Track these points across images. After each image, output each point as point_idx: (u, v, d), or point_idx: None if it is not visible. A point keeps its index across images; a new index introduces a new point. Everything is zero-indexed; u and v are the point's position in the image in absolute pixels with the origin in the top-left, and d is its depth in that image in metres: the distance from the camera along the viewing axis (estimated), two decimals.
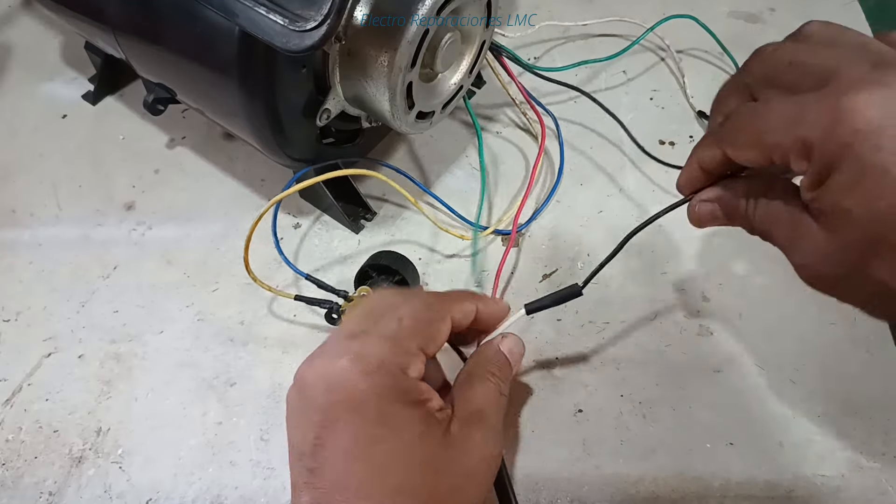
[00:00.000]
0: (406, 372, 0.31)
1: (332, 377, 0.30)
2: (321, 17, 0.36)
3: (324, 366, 0.31)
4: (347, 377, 0.30)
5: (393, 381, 0.30)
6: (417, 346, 0.32)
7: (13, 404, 0.45)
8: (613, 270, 0.50)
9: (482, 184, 0.53)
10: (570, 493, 0.41)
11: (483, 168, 0.54)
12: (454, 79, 0.49)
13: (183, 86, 0.48)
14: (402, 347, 0.32)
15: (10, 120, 0.60)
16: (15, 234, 0.53)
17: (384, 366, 0.31)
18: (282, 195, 0.43)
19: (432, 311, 0.34)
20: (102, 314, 0.48)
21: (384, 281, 0.45)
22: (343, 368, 0.30)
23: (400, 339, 0.32)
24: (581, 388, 0.45)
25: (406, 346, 0.32)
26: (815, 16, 0.73)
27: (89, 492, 0.41)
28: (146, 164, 0.57)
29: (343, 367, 0.30)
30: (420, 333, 0.32)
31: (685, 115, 0.59)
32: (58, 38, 0.66)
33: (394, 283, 0.45)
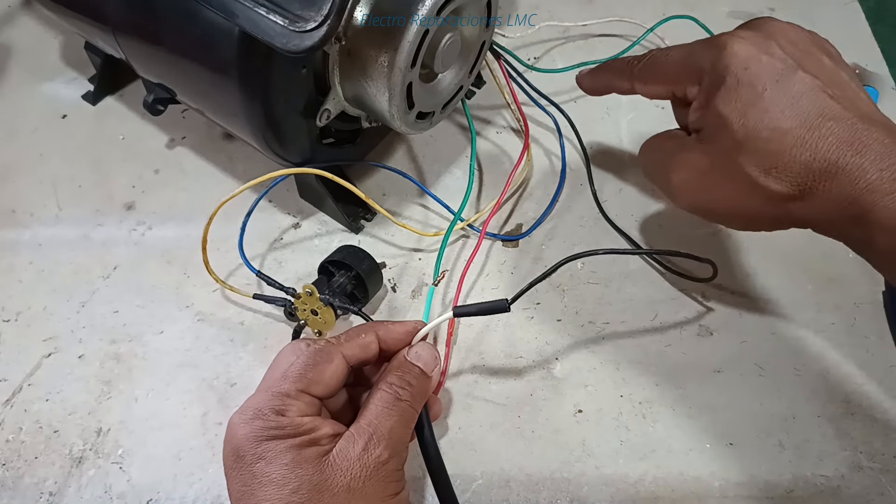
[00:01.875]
0: (282, 413, 0.34)
1: (227, 434, 0.35)
2: (321, 17, 0.36)
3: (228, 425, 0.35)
4: (231, 429, 0.34)
5: (264, 423, 0.34)
6: (297, 390, 0.35)
7: (13, 404, 0.45)
8: (613, 271, 0.50)
9: (469, 183, 0.52)
10: (570, 493, 0.41)
11: (472, 169, 0.53)
12: (454, 79, 0.49)
13: (183, 86, 0.48)
14: (278, 393, 0.35)
15: (10, 120, 0.60)
16: (15, 234, 0.53)
17: (258, 413, 0.34)
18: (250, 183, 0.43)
19: (318, 356, 0.36)
20: (102, 314, 0.48)
21: (342, 276, 0.46)
22: (231, 423, 0.34)
23: (278, 387, 0.35)
24: (581, 388, 0.45)
25: (284, 390, 0.35)
26: (815, 16, 0.74)
27: (89, 492, 0.41)
28: (146, 164, 0.57)
29: (231, 421, 0.35)
30: (301, 378, 0.35)
31: None
32: (58, 38, 0.66)
33: (351, 277, 0.45)
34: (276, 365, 0.36)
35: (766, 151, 0.34)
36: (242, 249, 0.48)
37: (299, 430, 0.34)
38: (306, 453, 0.33)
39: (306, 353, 0.36)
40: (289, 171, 0.46)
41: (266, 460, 0.33)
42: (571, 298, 0.49)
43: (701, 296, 0.48)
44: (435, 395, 0.42)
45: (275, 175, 0.45)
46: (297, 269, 0.50)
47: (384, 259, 0.50)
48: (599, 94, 0.48)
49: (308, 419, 0.34)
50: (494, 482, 0.41)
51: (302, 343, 0.37)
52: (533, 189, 0.55)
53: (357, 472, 0.33)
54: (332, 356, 0.36)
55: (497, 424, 0.43)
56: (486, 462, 0.42)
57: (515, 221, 0.53)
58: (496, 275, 0.50)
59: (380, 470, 0.34)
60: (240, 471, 0.33)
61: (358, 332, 0.38)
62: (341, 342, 0.38)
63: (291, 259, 0.51)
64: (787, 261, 0.50)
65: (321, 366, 0.36)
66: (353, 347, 0.38)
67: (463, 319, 0.47)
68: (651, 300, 0.48)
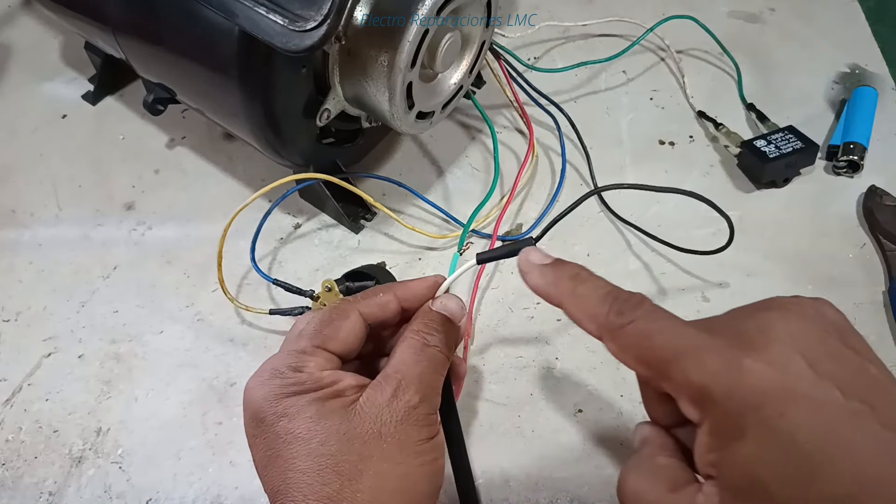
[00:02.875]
0: (300, 369, 0.33)
1: (245, 398, 0.33)
2: (321, 17, 0.36)
3: (244, 390, 0.34)
4: (249, 393, 0.33)
5: (283, 381, 0.32)
6: (313, 346, 0.33)
7: (13, 404, 0.45)
8: (613, 271, 0.50)
9: (493, 182, 0.52)
10: (570, 493, 0.41)
11: (497, 168, 0.53)
12: (454, 79, 0.49)
13: (183, 86, 0.48)
14: (294, 350, 0.33)
15: (10, 120, 0.60)
16: (15, 234, 0.53)
17: (275, 372, 0.32)
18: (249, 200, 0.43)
19: (334, 313, 0.35)
20: (102, 314, 0.48)
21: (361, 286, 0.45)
22: (248, 388, 0.33)
23: (293, 345, 0.34)
24: (581, 388, 0.45)
25: (300, 347, 0.33)
26: (815, 16, 0.74)
27: (89, 492, 0.41)
28: (146, 164, 0.57)
29: (248, 386, 0.33)
30: (317, 334, 0.34)
31: (685, 115, 0.60)
32: (58, 38, 0.66)
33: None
34: (292, 330, 0.35)
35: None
36: (255, 259, 0.48)
37: (320, 383, 0.32)
38: (331, 405, 0.31)
39: (321, 313, 0.35)
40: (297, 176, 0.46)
41: (289, 417, 0.31)
42: None
43: (701, 296, 0.48)
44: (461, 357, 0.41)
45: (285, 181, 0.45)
46: (298, 269, 0.50)
47: (384, 259, 0.50)
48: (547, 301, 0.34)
49: (328, 372, 0.33)
50: (494, 482, 0.41)
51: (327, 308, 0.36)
52: (533, 189, 0.55)
53: (387, 418, 0.31)
54: (349, 312, 0.35)
55: (497, 424, 0.43)
56: (486, 462, 0.42)
57: (516, 221, 0.53)
58: (496, 275, 0.50)
59: (411, 415, 0.32)
60: (262, 435, 0.31)
61: (375, 292, 0.37)
62: (358, 300, 0.36)
63: (292, 259, 0.51)
64: (787, 261, 0.50)
65: (337, 322, 0.34)
66: (371, 305, 0.36)
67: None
68: (651, 300, 0.48)
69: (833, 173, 0.55)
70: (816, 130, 0.56)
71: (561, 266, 0.33)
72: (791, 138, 0.54)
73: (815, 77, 0.62)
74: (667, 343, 0.28)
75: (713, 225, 0.52)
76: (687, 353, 0.28)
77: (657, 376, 0.29)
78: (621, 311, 0.30)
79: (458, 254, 0.48)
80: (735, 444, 0.26)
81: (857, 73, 0.62)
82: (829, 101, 0.60)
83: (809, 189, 0.55)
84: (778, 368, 0.26)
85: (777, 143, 0.53)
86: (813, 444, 0.25)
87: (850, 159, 0.54)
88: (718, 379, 0.26)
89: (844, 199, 0.54)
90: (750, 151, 0.54)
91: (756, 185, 0.54)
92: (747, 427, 0.26)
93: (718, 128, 0.57)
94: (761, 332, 0.28)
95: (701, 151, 0.57)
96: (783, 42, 0.65)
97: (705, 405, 0.27)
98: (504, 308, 0.48)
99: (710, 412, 0.27)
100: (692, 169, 0.56)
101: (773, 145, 0.53)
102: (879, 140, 0.56)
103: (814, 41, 0.65)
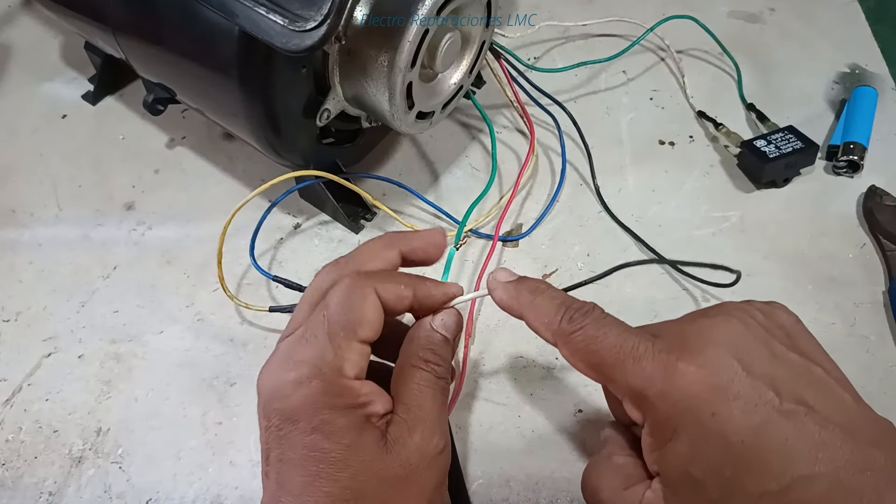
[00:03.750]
0: (342, 372, 0.31)
1: (272, 387, 0.31)
2: (321, 17, 0.36)
3: (268, 375, 0.32)
4: (281, 387, 0.30)
5: (325, 387, 0.30)
6: (348, 338, 0.31)
7: (13, 404, 0.45)
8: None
9: (490, 182, 0.52)
10: (570, 493, 0.41)
11: (494, 166, 0.53)
12: (454, 79, 0.49)
13: (183, 86, 0.48)
14: (332, 345, 0.31)
15: (10, 120, 0.60)
16: (15, 234, 0.53)
17: (317, 372, 0.31)
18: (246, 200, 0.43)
19: (355, 293, 0.32)
20: (102, 314, 0.48)
21: None
22: (279, 379, 0.31)
23: (330, 334, 0.31)
24: (581, 388, 0.45)
25: (336, 342, 0.31)
26: (815, 16, 0.74)
27: (89, 492, 0.41)
28: (146, 164, 0.57)
29: (279, 377, 0.31)
30: (346, 321, 0.32)
31: (685, 115, 0.60)
32: (58, 38, 0.66)
33: None
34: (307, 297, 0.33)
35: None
36: (254, 256, 0.48)
37: (358, 399, 0.31)
38: (367, 437, 0.30)
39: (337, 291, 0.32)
40: (296, 173, 0.46)
41: (323, 434, 0.30)
42: None
43: (701, 296, 0.48)
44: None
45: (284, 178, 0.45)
46: (298, 268, 0.50)
47: None
48: (511, 314, 0.35)
49: (366, 386, 0.31)
50: (494, 482, 0.41)
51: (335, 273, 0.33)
52: (533, 188, 0.55)
53: (416, 463, 0.31)
54: (367, 292, 0.32)
55: (497, 424, 0.43)
56: (486, 462, 0.42)
57: (516, 221, 0.53)
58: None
59: (437, 460, 0.32)
60: (289, 437, 0.30)
61: (395, 280, 0.34)
62: (373, 278, 0.33)
63: (292, 259, 0.51)
64: (787, 261, 0.50)
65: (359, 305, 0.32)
66: (389, 291, 0.33)
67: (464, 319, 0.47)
68: (651, 300, 0.48)
69: (833, 173, 0.55)
70: (816, 130, 0.56)
71: (523, 282, 0.35)
72: (791, 138, 0.54)
73: (815, 77, 0.62)
74: (611, 348, 0.30)
75: (714, 225, 0.52)
76: (627, 358, 0.29)
77: (603, 379, 0.31)
78: (572, 319, 0.32)
79: (455, 248, 0.48)
80: (671, 444, 0.28)
81: (857, 73, 0.62)
82: (829, 101, 0.60)
83: (809, 189, 0.55)
84: (710, 371, 0.28)
85: (777, 143, 0.53)
86: (744, 443, 0.27)
87: (850, 159, 0.54)
88: (654, 382, 0.28)
89: (844, 199, 0.54)
90: (750, 151, 0.54)
91: (756, 185, 0.54)
92: (680, 427, 0.28)
93: (718, 128, 0.57)
94: (699, 336, 0.29)
95: (701, 151, 0.57)
96: (783, 42, 0.65)
97: (644, 407, 0.29)
98: None
99: (649, 413, 0.29)
100: (692, 169, 0.56)
101: (773, 145, 0.53)
102: (879, 140, 0.56)
103: (814, 41, 0.65)
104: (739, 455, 0.27)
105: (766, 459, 0.27)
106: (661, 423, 0.29)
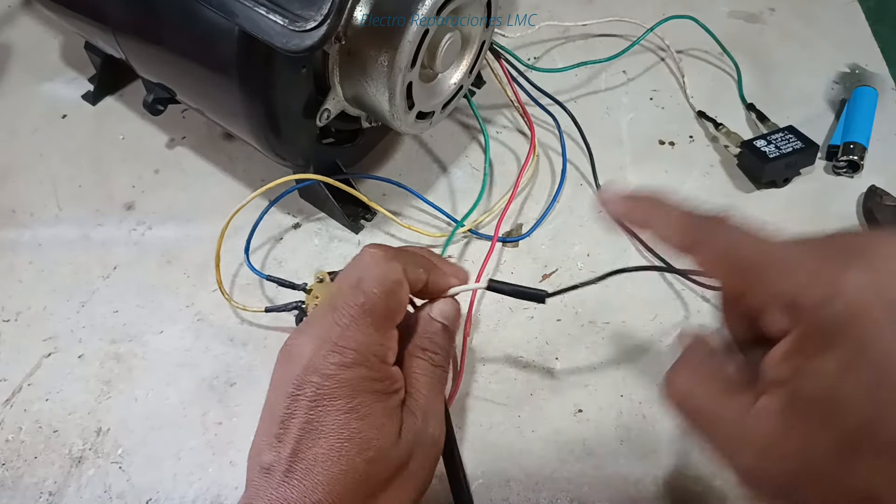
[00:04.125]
0: (385, 360, 0.32)
1: (311, 362, 0.31)
2: (321, 17, 0.37)
3: (304, 345, 0.32)
4: (323, 366, 0.31)
5: (367, 373, 0.31)
6: (391, 327, 0.33)
7: (13, 404, 0.45)
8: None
9: (483, 184, 0.52)
10: (570, 493, 0.41)
11: (487, 169, 0.53)
12: (454, 79, 0.49)
13: (183, 86, 0.48)
14: (378, 334, 0.32)
15: (10, 120, 0.60)
16: (15, 234, 0.53)
17: (361, 360, 0.31)
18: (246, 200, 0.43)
19: (391, 277, 0.33)
20: (102, 314, 0.48)
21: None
22: (321, 357, 0.31)
23: (375, 322, 0.32)
24: (581, 388, 0.45)
25: (382, 330, 0.32)
26: (815, 16, 0.74)
27: (89, 492, 0.41)
28: (146, 164, 0.57)
29: (321, 356, 0.31)
30: (388, 309, 0.33)
31: (685, 115, 0.59)
32: (58, 38, 0.66)
33: None
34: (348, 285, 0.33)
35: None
36: (248, 257, 0.48)
37: (392, 388, 0.32)
38: (391, 424, 0.32)
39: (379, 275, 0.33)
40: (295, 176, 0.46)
41: (359, 415, 0.31)
42: (571, 298, 0.48)
43: (701, 295, 0.48)
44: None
45: (282, 181, 0.45)
46: (298, 268, 0.50)
47: None
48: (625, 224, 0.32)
49: (399, 374, 0.33)
50: (494, 482, 0.41)
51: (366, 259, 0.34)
52: (533, 188, 0.55)
53: (417, 452, 0.33)
54: (400, 277, 0.33)
55: (497, 424, 0.43)
56: (486, 462, 0.42)
57: (516, 221, 0.53)
58: (496, 275, 0.50)
59: (432, 451, 0.34)
60: (323, 410, 0.31)
61: (417, 263, 0.35)
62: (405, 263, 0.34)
63: (291, 259, 0.51)
64: None
65: (397, 291, 0.33)
66: (412, 273, 0.34)
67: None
68: (651, 300, 0.48)
69: (833, 173, 0.55)
70: (816, 130, 0.56)
71: (641, 192, 0.32)
72: (791, 138, 0.54)
73: (815, 77, 0.62)
74: (756, 252, 0.27)
75: None
76: (778, 262, 0.27)
77: (745, 286, 0.27)
78: (708, 224, 0.29)
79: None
80: (819, 357, 0.24)
81: (857, 73, 0.62)
82: (829, 101, 0.60)
83: (809, 189, 0.55)
84: (883, 285, 0.24)
85: (777, 143, 0.53)
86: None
87: (850, 159, 0.54)
88: (813, 289, 0.25)
89: (844, 199, 0.54)
90: (750, 151, 0.54)
91: (756, 185, 0.54)
92: (839, 339, 0.24)
93: (718, 128, 0.57)
94: (867, 248, 0.26)
95: (701, 151, 0.57)
96: (783, 42, 0.65)
97: (795, 314, 0.25)
98: (504, 308, 0.48)
99: (801, 321, 0.25)
100: (692, 169, 0.56)
101: (773, 145, 0.53)
102: (879, 140, 0.56)
103: (814, 41, 0.65)
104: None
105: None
106: (814, 333, 0.25)
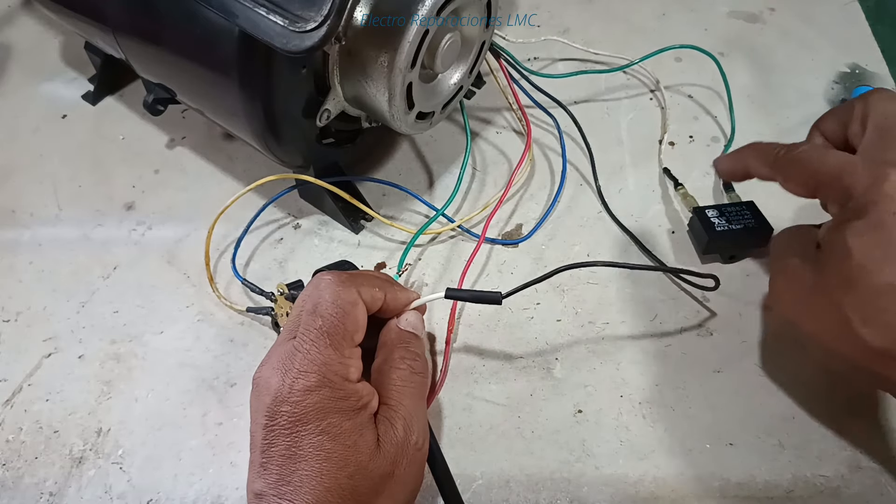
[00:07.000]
0: (347, 378, 0.33)
1: (279, 392, 0.33)
2: (321, 17, 0.36)
3: (272, 377, 0.33)
4: (290, 393, 0.32)
5: (332, 393, 0.33)
6: (349, 345, 0.34)
7: (13, 404, 0.45)
8: (613, 271, 0.50)
9: (458, 181, 0.52)
10: (570, 493, 0.41)
11: (464, 168, 0.53)
12: (454, 79, 0.49)
13: (183, 86, 0.48)
14: (337, 353, 0.33)
15: (10, 120, 0.60)
16: (15, 234, 0.53)
17: (325, 381, 0.33)
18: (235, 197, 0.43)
19: (346, 298, 0.35)
20: (102, 314, 0.48)
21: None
22: (287, 385, 0.33)
23: (333, 342, 0.34)
24: (581, 388, 0.45)
25: (340, 350, 0.34)
26: (815, 16, 0.74)
27: (90, 492, 0.41)
28: (146, 164, 0.57)
29: (287, 384, 0.33)
30: (345, 330, 0.34)
31: (685, 115, 0.60)
32: (58, 38, 0.66)
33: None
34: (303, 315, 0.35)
35: (874, 302, 0.32)
36: (235, 259, 0.49)
37: (361, 401, 0.33)
38: (366, 438, 0.33)
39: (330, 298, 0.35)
40: (287, 175, 0.47)
41: (330, 436, 0.32)
42: (571, 298, 0.49)
43: (701, 296, 0.48)
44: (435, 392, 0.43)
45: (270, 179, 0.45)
46: (297, 268, 0.50)
47: (384, 259, 0.50)
48: (737, 180, 0.47)
49: (365, 387, 0.34)
50: (494, 482, 0.41)
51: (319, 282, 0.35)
52: (533, 189, 0.55)
53: (401, 459, 0.34)
54: (356, 298, 0.35)
55: (497, 424, 0.43)
56: (486, 462, 0.42)
57: (516, 222, 0.53)
58: (496, 275, 0.50)
59: (417, 456, 0.35)
60: (297, 436, 0.32)
61: (372, 284, 0.37)
62: (359, 284, 0.36)
63: (291, 259, 0.51)
64: None
65: (352, 311, 0.35)
66: (368, 294, 0.37)
67: (464, 318, 0.47)
68: (651, 300, 0.48)
69: None
70: None
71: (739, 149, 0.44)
72: (747, 215, 0.49)
73: (815, 77, 0.62)
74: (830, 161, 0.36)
75: None
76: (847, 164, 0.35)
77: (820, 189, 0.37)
78: (789, 149, 0.39)
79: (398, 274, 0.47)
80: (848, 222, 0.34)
81: (857, 73, 0.62)
82: (829, 101, 0.60)
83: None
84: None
85: (730, 216, 0.49)
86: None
87: None
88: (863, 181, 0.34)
89: None
90: (699, 218, 0.49)
91: (699, 255, 0.50)
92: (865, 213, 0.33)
93: (677, 188, 0.53)
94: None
95: (701, 151, 0.57)
96: (783, 42, 0.65)
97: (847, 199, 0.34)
98: (504, 309, 0.48)
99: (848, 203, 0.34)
100: (692, 169, 0.56)
101: (724, 218, 0.49)
102: None
103: (814, 41, 0.65)
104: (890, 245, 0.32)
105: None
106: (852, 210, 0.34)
